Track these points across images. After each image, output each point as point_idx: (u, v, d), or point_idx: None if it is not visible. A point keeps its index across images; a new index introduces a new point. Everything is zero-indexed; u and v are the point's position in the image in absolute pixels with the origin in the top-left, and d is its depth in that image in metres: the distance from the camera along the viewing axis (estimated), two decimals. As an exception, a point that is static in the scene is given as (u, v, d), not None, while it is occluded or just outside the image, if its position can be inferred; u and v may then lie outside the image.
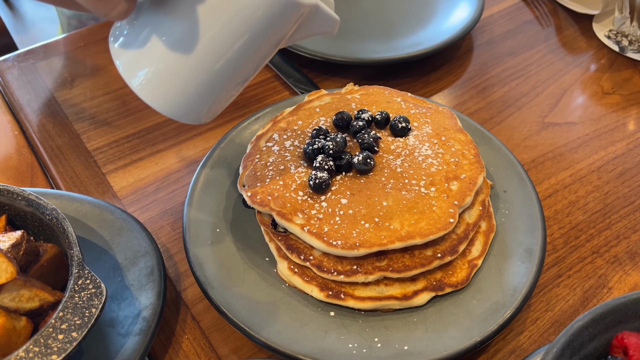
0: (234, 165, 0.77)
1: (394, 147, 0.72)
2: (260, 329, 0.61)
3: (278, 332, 0.62)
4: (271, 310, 0.64)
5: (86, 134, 0.90)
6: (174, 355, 0.65)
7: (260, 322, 0.62)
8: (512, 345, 0.66)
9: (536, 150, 0.88)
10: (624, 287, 0.72)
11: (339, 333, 0.62)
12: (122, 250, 0.70)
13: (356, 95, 0.80)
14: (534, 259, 0.67)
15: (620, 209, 0.80)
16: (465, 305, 0.64)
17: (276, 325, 0.62)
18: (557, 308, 0.70)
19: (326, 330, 0.62)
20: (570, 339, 0.51)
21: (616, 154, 0.88)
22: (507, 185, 0.76)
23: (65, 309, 0.56)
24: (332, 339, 0.62)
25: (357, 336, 0.62)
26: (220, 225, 0.72)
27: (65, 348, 0.53)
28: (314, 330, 0.62)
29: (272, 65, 1.00)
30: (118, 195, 0.81)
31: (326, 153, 0.69)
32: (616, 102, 0.96)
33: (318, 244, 0.63)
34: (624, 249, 0.76)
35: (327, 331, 0.62)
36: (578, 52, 1.06)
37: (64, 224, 0.62)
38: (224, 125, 0.91)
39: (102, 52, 1.04)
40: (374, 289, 0.64)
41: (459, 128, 0.75)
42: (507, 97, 0.97)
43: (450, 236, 0.66)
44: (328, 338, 0.62)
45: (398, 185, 0.67)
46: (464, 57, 1.05)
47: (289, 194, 0.67)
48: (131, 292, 0.67)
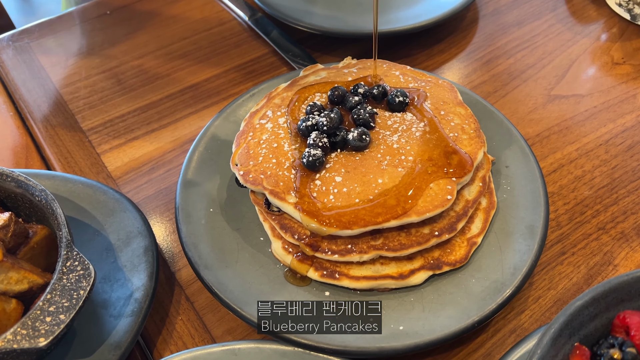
0: (228, 144, 0.76)
1: (391, 123, 0.69)
2: (253, 309, 0.60)
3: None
4: (265, 291, 0.63)
5: (81, 113, 0.89)
6: (167, 337, 0.64)
7: (253, 302, 0.61)
8: (512, 324, 0.65)
9: (541, 124, 0.85)
10: (630, 264, 0.69)
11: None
12: (115, 231, 0.69)
13: (353, 69, 0.78)
14: (536, 236, 0.65)
15: (629, 183, 0.77)
16: (463, 284, 0.63)
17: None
18: (560, 286, 0.68)
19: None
20: (569, 318, 0.49)
21: (625, 127, 0.84)
22: (509, 160, 0.73)
23: (53, 291, 0.55)
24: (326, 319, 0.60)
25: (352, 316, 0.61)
26: (213, 205, 0.70)
27: (53, 330, 0.53)
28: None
29: (270, 40, 0.98)
30: (112, 175, 0.80)
31: (320, 130, 0.67)
32: (626, 72, 0.92)
33: (311, 223, 0.61)
34: (631, 224, 0.73)
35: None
36: (587, 21, 1.02)
37: (53, 205, 0.61)
38: (219, 103, 0.89)
39: (97, 30, 1.02)
40: (369, 268, 0.63)
41: (459, 101, 0.73)
42: (512, 69, 0.94)
43: (449, 213, 0.64)
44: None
45: (394, 162, 0.65)
46: (469, 28, 1.02)
47: (282, 172, 0.65)
48: (124, 273, 0.66)
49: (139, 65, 0.96)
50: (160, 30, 1.02)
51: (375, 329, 0.59)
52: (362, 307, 0.62)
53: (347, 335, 0.59)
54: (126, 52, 0.98)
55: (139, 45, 0.99)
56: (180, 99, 0.90)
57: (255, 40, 1.00)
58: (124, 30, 1.02)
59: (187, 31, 1.02)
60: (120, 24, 1.03)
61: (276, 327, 0.59)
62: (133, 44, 0.99)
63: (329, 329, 0.59)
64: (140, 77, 0.94)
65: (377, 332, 0.59)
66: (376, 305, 0.61)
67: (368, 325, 0.60)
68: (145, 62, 0.96)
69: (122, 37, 1.01)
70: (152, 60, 0.96)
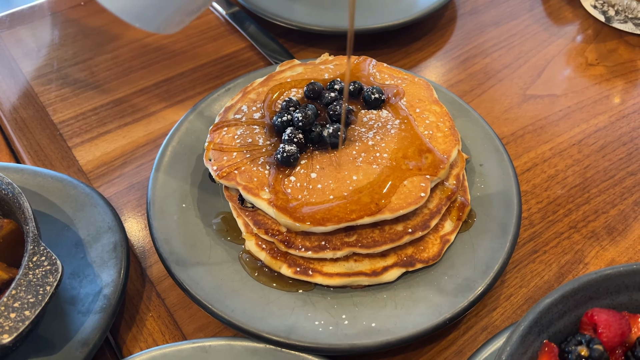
0: (202, 139, 0.75)
1: (367, 120, 0.69)
2: (224, 306, 0.60)
3: (243, 309, 0.60)
4: (237, 288, 0.62)
5: (52, 106, 0.87)
6: (137, 334, 0.63)
7: (224, 299, 0.60)
8: (484, 322, 0.65)
9: (516, 123, 0.86)
10: (601, 263, 0.70)
11: (306, 310, 0.61)
12: (85, 226, 0.68)
13: (330, 65, 0.78)
14: (508, 234, 0.65)
15: (600, 183, 0.78)
16: (436, 282, 0.63)
17: (241, 302, 0.60)
18: (532, 284, 0.68)
19: (293, 308, 0.61)
20: (538, 316, 0.50)
21: (598, 127, 0.86)
22: (483, 158, 0.74)
23: (18, 287, 0.53)
24: (298, 316, 0.60)
25: (325, 313, 0.60)
26: (186, 201, 0.69)
27: (18, 327, 0.51)
28: (280, 308, 0.61)
29: (247, 35, 0.97)
30: (84, 169, 0.79)
31: (295, 125, 0.66)
32: (600, 73, 0.94)
33: (285, 219, 0.61)
34: (602, 224, 0.74)
35: (294, 308, 0.61)
36: (563, 23, 1.03)
37: (19, 199, 0.60)
38: (194, 97, 0.88)
39: (70, 21, 1.00)
40: (343, 265, 0.63)
41: (434, 99, 0.73)
42: (488, 68, 0.94)
43: (422, 211, 0.64)
44: (294, 315, 0.60)
45: (369, 159, 0.65)
46: (446, 27, 1.02)
47: (257, 168, 0.64)
48: (93, 269, 0.64)
49: (112, 58, 0.94)
50: (136, 23, 1.00)
51: (346, 325, 0.59)
52: (336, 304, 0.61)
53: (318, 332, 0.58)
54: (100, 44, 0.96)
55: (113, 38, 0.97)
56: (154, 93, 0.89)
57: (232, 35, 0.99)
58: (98, 21, 1.00)
59: (163, 24, 1.00)
60: (94, 16, 1.01)
61: (247, 323, 0.58)
62: (107, 36, 0.98)
63: (301, 326, 0.59)
64: (114, 70, 0.92)
65: (349, 329, 0.59)
66: (350, 302, 0.61)
67: (340, 322, 0.59)
68: (119, 55, 0.94)
69: (96, 28, 0.99)
70: (126, 53, 0.95)
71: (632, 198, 0.77)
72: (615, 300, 0.52)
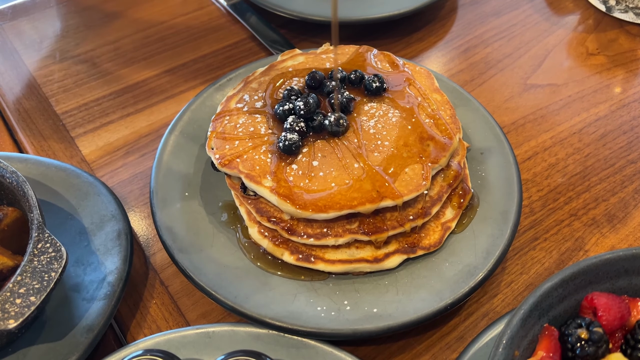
0: (204, 128, 0.75)
1: (368, 108, 0.69)
2: (227, 292, 0.60)
3: (246, 296, 0.60)
4: (240, 274, 0.63)
5: (55, 97, 0.87)
6: (141, 320, 0.64)
7: (228, 286, 0.61)
8: (485, 308, 0.65)
9: (517, 112, 0.86)
10: (601, 250, 0.71)
11: (309, 296, 0.61)
12: (88, 215, 0.68)
13: (331, 55, 0.78)
14: (509, 221, 0.66)
15: (600, 171, 0.79)
16: (437, 268, 0.63)
17: (244, 289, 0.61)
18: (533, 271, 0.69)
19: (295, 294, 0.61)
20: (538, 299, 0.50)
21: (598, 116, 0.86)
22: (484, 147, 0.74)
23: (23, 273, 0.54)
24: (300, 302, 0.60)
25: (327, 299, 0.61)
26: (189, 189, 0.70)
27: (23, 312, 0.52)
28: (282, 294, 0.61)
29: (249, 26, 0.97)
30: (87, 159, 0.79)
31: (297, 114, 0.67)
32: (601, 63, 0.94)
33: (287, 206, 0.61)
34: (602, 211, 0.74)
35: (296, 294, 0.61)
36: (564, 12, 1.03)
37: (24, 187, 0.60)
38: (196, 88, 0.88)
39: (72, 12, 1.00)
40: (344, 252, 0.63)
41: (436, 88, 0.73)
42: (489, 58, 0.95)
43: (424, 198, 0.65)
44: (297, 301, 0.60)
45: (371, 147, 0.65)
46: (447, 17, 1.02)
47: (259, 157, 0.65)
48: (97, 256, 0.65)
49: (115, 49, 0.94)
50: (137, 14, 1.01)
51: (348, 311, 0.60)
52: (337, 290, 0.62)
53: (320, 318, 0.59)
54: (102, 35, 0.96)
55: (115, 29, 0.98)
56: (156, 83, 0.89)
57: (234, 25, 0.99)
58: (100, 13, 1.00)
59: (164, 15, 1.01)
60: (97, 7, 1.01)
61: (251, 309, 0.59)
62: (109, 27, 0.98)
63: (304, 311, 0.60)
64: (116, 61, 0.92)
65: (351, 314, 0.59)
66: (351, 288, 0.62)
67: (342, 307, 0.60)
68: (121, 46, 0.95)
69: (98, 19, 0.99)
70: (129, 44, 0.95)
71: (632, 186, 0.77)
72: (615, 284, 0.53)
